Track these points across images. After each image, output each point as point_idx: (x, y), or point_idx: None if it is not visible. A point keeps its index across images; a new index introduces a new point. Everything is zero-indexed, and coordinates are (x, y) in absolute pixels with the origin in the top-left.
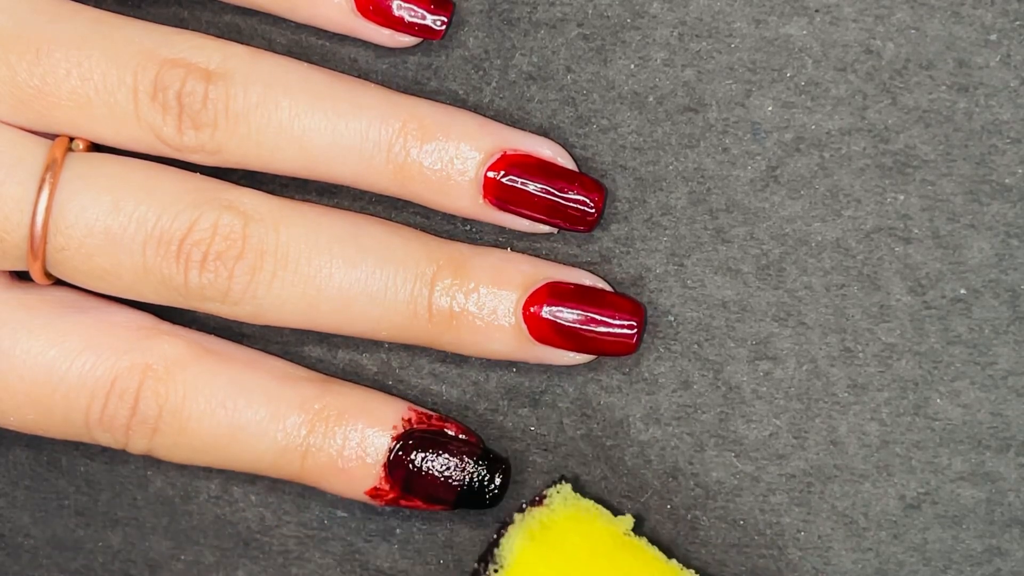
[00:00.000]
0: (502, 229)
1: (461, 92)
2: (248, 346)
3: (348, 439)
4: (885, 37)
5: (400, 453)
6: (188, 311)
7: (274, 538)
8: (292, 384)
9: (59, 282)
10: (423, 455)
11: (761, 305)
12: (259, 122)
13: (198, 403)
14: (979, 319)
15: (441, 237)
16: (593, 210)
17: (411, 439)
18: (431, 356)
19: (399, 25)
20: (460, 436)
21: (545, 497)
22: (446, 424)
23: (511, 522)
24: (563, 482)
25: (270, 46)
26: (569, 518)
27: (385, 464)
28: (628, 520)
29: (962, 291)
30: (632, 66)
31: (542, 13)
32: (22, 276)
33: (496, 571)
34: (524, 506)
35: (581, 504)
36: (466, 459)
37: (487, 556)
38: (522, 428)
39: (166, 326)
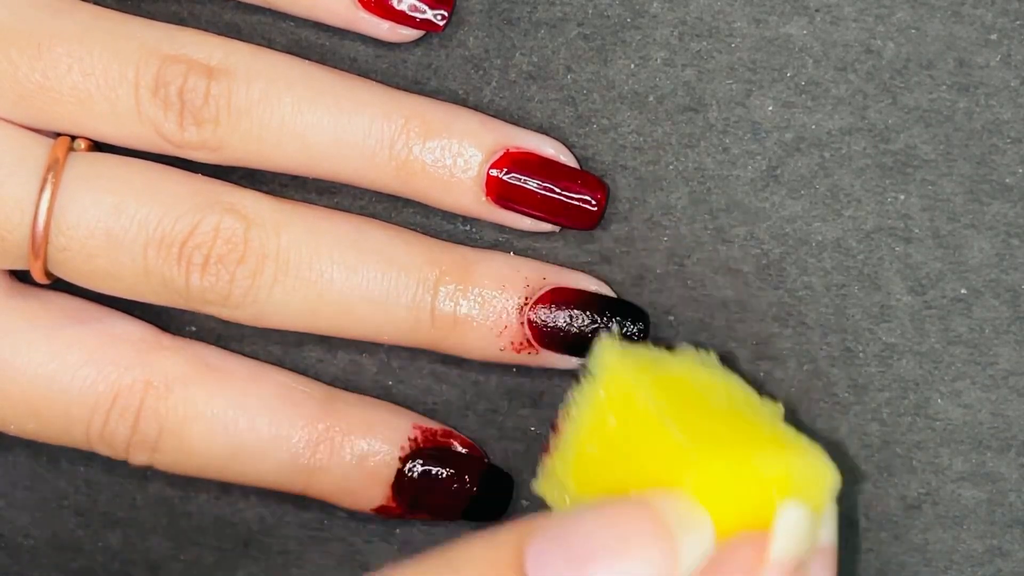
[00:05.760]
0: (502, 228)
1: (461, 92)
2: (248, 345)
3: (354, 459)
4: (885, 37)
5: (407, 474)
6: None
7: (274, 538)
8: (295, 401)
9: (59, 280)
10: (430, 475)
11: (761, 305)
12: (261, 118)
13: (199, 423)
14: (980, 319)
15: (441, 238)
16: (595, 208)
17: (418, 459)
18: (431, 356)
19: (400, 18)
20: (465, 451)
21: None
22: (451, 439)
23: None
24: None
25: (270, 45)
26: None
27: (392, 485)
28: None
29: (963, 291)
30: (632, 66)
31: (542, 13)
32: (22, 276)
33: (586, 377)
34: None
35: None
36: (471, 477)
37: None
38: (522, 428)
39: (167, 339)
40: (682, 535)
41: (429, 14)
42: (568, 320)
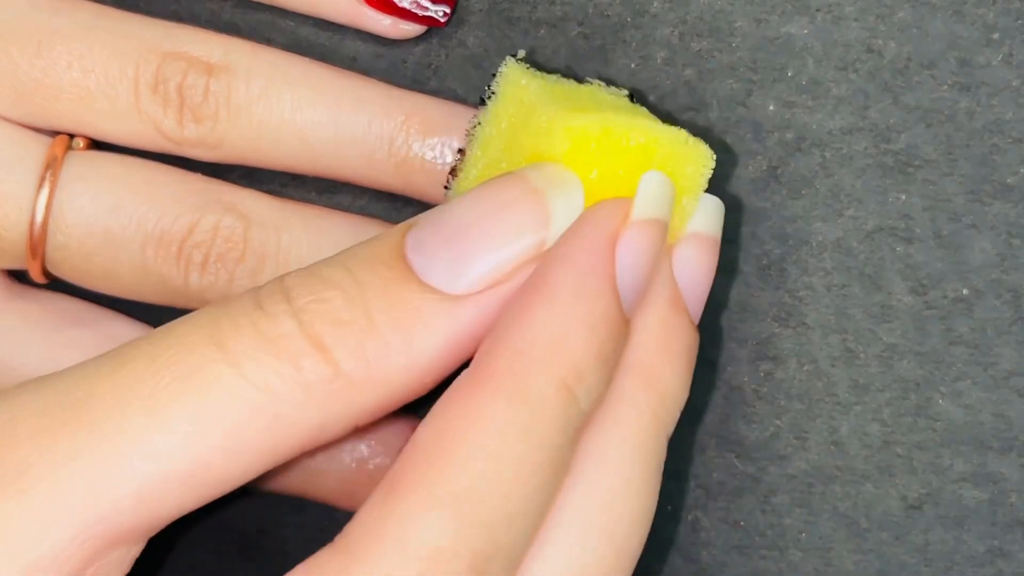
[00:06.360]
0: None
1: (461, 91)
2: None
3: (354, 462)
4: (887, 36)
5: None
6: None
7: (273, 539)
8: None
9: (58, 281)
10: None
11: (762, 305)
12: (261, 115)
13: None
14: (981, 319)
15: None
16: None
17: None
18: None
19: (403, 14)
20: None
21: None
22: None
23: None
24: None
25: (269, 44)
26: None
27: None
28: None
29: (964, 291)
30: (633, 65)
31: (542, 12)
32: (20, 277)
33: (490, 97)
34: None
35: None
36: None
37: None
38: None
39: None
40: (551, 195)
41: (432, 10)
42: None
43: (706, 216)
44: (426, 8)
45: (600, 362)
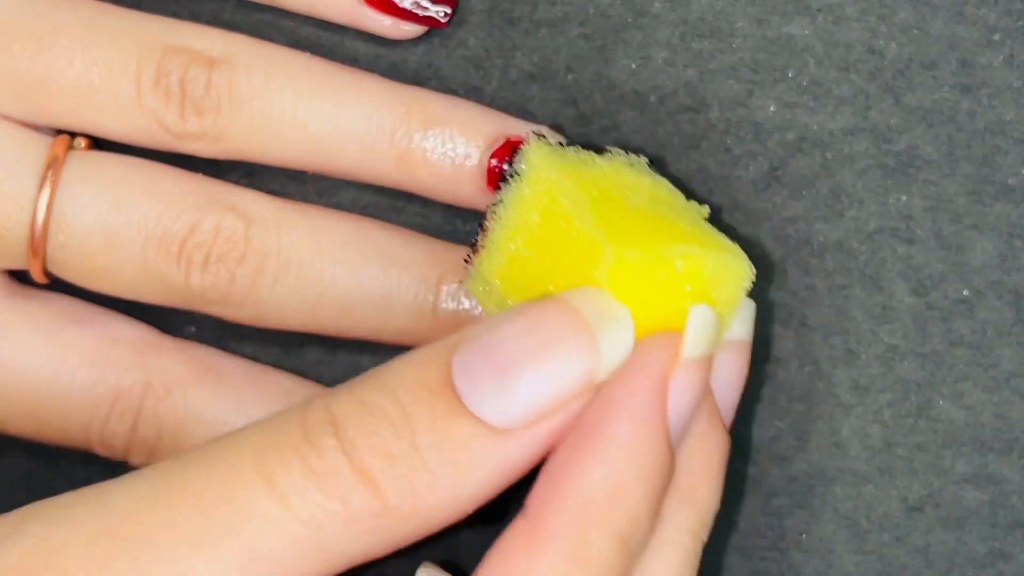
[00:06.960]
0: None
1: (462, 91)
2: (248, 346)
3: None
4: (888, 37)
5: None
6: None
7: None
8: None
9: (58, 282)
10: None
11: (763, 306)
12: (262, 107)
13: (198, 426)
14: (982, 320)
15: (441, 238)
16: None
17: None
18: None
19: (403, 14)
20: None
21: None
22: None
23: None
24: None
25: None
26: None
27: None
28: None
29: (965, 292)
30: (634, 66)
31: (543, 12)
32: (21, 277)
33: (513, 176)
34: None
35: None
36: None
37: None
38: None
39: (168, 341)
40: (602, 330)
41: (432, 10)
42: None
43: (742, 322)
44: (427, 8)
45: (653, 510)
